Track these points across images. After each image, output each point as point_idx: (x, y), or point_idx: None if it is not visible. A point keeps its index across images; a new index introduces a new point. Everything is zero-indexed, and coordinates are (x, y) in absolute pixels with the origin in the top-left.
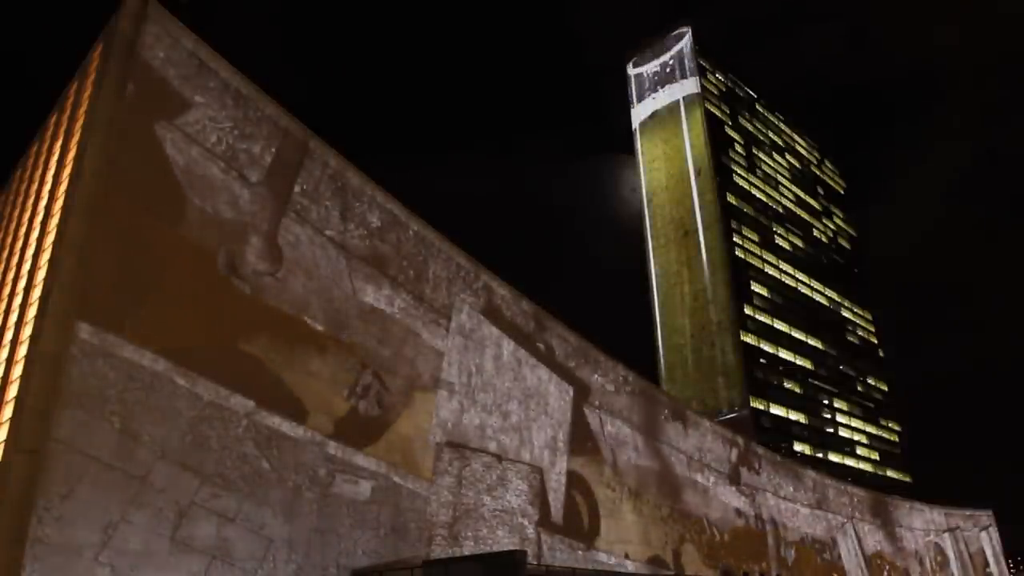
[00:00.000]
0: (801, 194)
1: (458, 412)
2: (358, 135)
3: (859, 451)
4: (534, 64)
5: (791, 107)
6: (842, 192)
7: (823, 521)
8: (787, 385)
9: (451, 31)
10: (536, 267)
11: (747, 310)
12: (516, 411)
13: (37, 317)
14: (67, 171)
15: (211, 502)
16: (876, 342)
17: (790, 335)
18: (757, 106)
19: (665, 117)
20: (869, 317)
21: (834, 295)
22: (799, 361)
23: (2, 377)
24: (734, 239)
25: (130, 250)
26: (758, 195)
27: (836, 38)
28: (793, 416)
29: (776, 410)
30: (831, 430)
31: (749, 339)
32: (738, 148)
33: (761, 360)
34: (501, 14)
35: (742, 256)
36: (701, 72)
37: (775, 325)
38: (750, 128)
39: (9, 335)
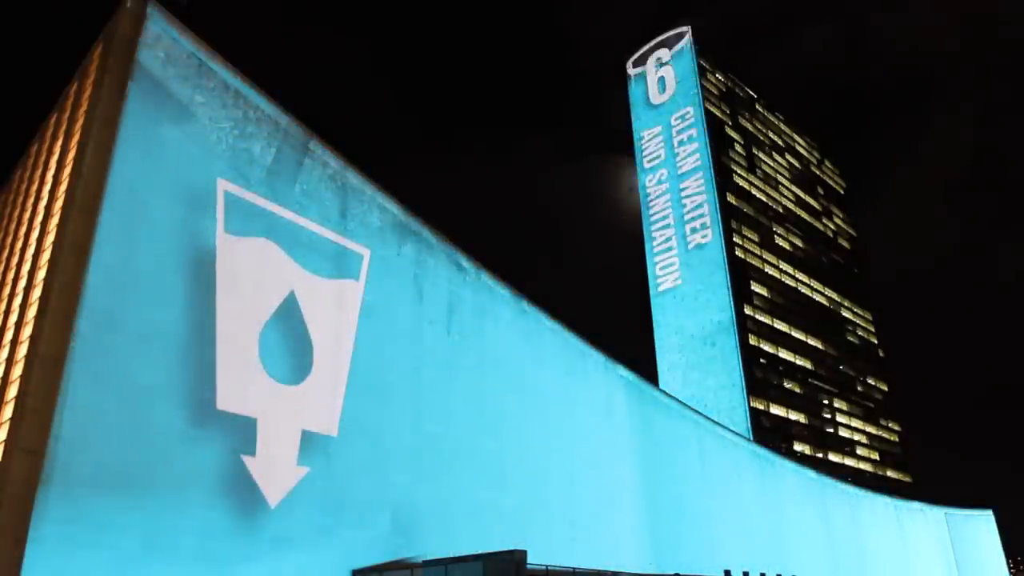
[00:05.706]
0: (801, 194)
1: (459, 411)
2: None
3: (859, 451)
4: (535, 65)
5: (791, 107)
6: (842, 192)
7: None
8: (787, 385)
9: (453, 31)
10: (537, 267)
11: (747, 310)
12: (516, 411)
13: (37, 317)
14: (67, 171)
15: (211, 501)
16: (876, 342)
17: (790, 335)
18: (757, 106)
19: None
20: (869, 317)
21: (834, 295)
22: (799, 361)
23: (2, 377)
24: (734, 239)
25: (130, 250)
26: (758, 195)
27: (836, 38)
28: (793, 416)
29: (776, 410)
30: (831, 430)
31: (749, 339)
32: (738, 148)
33: (761, 360)
34: (503, 15)
35: (742, 256)
36: (701, 72)
37: (775, 325)
38: (750, 128)
39: (9, 335)
